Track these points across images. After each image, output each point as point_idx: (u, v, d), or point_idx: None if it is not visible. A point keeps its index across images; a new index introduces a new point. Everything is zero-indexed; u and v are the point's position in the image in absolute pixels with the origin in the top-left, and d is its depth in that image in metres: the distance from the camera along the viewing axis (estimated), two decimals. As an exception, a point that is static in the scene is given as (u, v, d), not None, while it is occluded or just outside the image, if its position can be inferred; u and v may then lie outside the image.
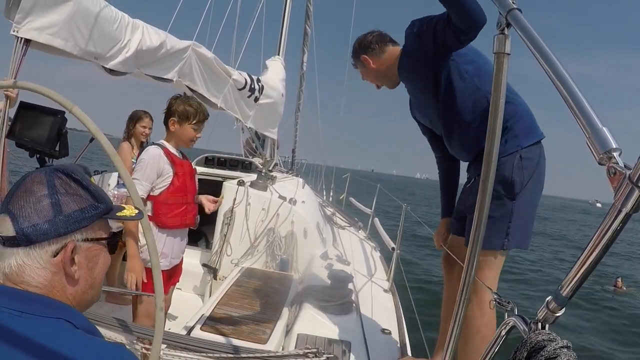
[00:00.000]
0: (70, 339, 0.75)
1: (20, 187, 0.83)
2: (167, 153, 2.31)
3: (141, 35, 2.52)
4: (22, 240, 0.79)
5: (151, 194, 2.27)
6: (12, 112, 2.61)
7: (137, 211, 1.01)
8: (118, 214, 0.94)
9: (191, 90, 3.18)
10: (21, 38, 1.94)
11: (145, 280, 2.17)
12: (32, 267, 0.79)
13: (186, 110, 2.30)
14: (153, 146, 2.35)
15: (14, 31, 1.92)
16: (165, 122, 2.39)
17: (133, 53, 2.48)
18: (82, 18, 2.13)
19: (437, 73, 1.91)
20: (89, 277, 0.87)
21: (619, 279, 11.34)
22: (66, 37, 2.09)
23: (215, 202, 2.69)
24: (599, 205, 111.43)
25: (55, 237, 0.80)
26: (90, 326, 0.85)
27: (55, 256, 0.80)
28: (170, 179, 2.29)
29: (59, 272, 0.81)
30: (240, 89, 3.72)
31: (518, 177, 1.83)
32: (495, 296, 1.12)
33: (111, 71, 2.46)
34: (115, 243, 0.97)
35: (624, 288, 11.06)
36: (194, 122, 2.32)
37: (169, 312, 2.82)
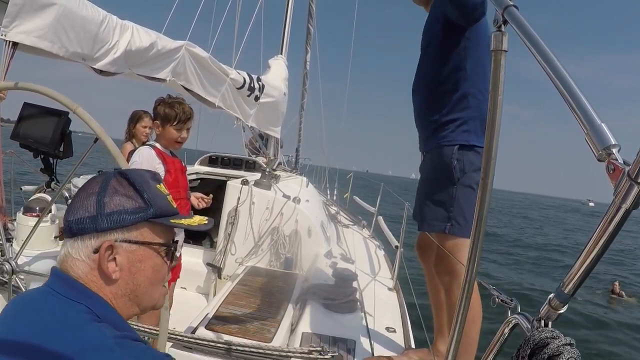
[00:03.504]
0: (78, 324, 0.74)
1: (84, 184, 0.87)
2: (158, 152, 2.40)
3: (130, 35, 2.54)
4: (67, 232, 0.84)
5: None
6: (14, 114, 2.64)
7: (205, 221, 0.95)
8: (177, 220, 0.89)
9: (187, 89, 3.17)
10: (9, 41, 1.98)
11: None
12: (74, 258, 0.82)
13: (166, 113, 2.40)
14: (144, 147, 2.44)
15: (1, 35, 1.97)
16: None
17: (122, 54, 2.50)
18: (68, 21, 2.16)
19: (444, 30, 1.90)
20: (130, 282, 0.84)
21: (616, 283, 9.63)
22: (52, 39, 2.12)
23: (201, 199, 2.74)
24: (591, 204, 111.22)
25: (95, 233, 0.81)
26: (121, 324, 0.82)
27: (96, 252, 0.81)
28: (163, 176, 2.33)
29: (96, 268, 0.82)
30: (239, 88, 3.71)
31: (458, 163, 1.83)
32: (497, 294, 1.11)
33: (101, 72, 2.48)
34: (171, 252, 0.90)
35: (624, 295, 9.32)
36: (175, 123, 2.41)
37: (172, 311, 2.83)
